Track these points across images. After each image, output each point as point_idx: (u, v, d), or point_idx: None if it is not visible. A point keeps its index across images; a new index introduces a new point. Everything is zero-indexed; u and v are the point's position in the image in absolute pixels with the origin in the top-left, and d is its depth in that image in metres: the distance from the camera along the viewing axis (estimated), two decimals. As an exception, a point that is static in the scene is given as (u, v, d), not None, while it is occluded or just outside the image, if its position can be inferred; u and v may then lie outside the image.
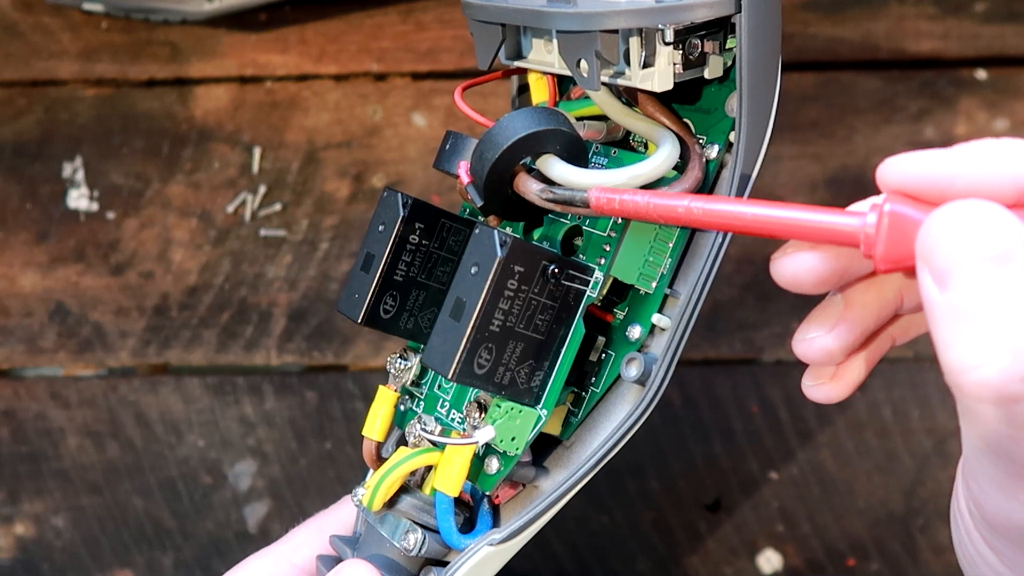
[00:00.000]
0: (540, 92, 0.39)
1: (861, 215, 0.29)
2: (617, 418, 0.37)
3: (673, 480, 0.58)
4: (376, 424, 0.40)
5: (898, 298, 0.34)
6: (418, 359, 0.40)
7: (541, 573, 0.58)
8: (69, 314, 0.58)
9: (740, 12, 0.34)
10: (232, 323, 0.58)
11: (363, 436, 0.40)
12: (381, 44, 0.58)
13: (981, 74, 0.58)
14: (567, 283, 0.36)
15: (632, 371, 0.36)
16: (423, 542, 0.38)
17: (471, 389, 0.39)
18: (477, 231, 0.35)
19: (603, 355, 0.38)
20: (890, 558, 0.58)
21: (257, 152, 0.58)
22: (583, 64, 0.34)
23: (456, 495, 0.37)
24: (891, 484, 0.58)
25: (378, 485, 0.37)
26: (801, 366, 0.36)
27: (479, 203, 0.36)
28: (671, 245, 0.36)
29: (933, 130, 0.58)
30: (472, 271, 0.35)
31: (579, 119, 0.39)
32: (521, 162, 0.35)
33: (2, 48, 0.58)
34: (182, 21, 0.56)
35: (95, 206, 0.58)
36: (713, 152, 0.36)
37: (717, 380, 0.58)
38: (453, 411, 0.39)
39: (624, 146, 0.39)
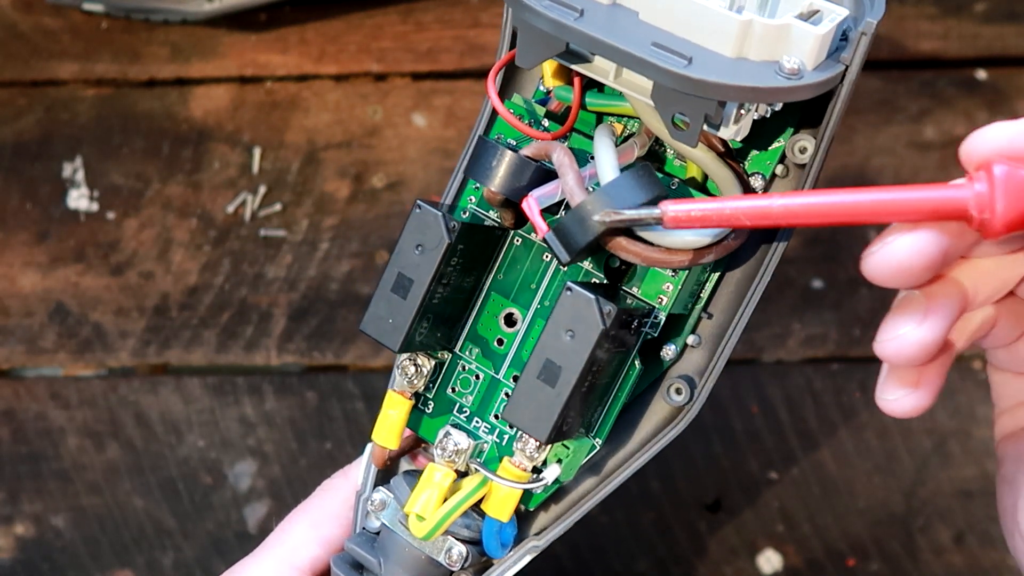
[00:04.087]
0: (556, 78, 0.37)
1: (967, 184, 0.30)
2: (645, 430, 0.38)
3: (673, 480, 0.58)
4: (390, 432, 0.39)
5: (970, 295, 0.33)
6: (432, 364, 0.39)
7: (541, 573, 0.58)
8: (69, 314, 0.58)
9: (842, 83, 0.34)
10: (232, 323, 0.58)
11: (374, 442, 0.39)
12: (381, 44, 0.58)
13: (981, 74, 0.58)
14: (641, 330, 0.36)
15: (675, 397, 0.38)
16: (467, 557, 0.38)
17: (498, 397, 0.39)
18: (570, 293, 0.34)
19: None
20: (890, 558, 0.58)
21: (257, 152, 0.58)
22: (679, 118, 0.32)
23: (508, 520, 0.38)
24: (891, 484, 0.58)
25: (442, 521, 0.37)
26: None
27: (565, 259, 0.34)
28: (709, 271, 0.37)
29: (933, 130, 0.58)
30: (567, 337, 0.34)
31: (605, 114, 0.38)
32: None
33: (2, 48, 0.58)
34: (182, 21, 0.56)
35: (95, 206, 0.58)
36: (758, 182, 0.37)
37: (717, 380, 0.58)
38: (476, 419, 0.39)
39: (653, 156, 0.38)
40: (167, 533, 0.58)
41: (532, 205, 0.34)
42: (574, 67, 0.35)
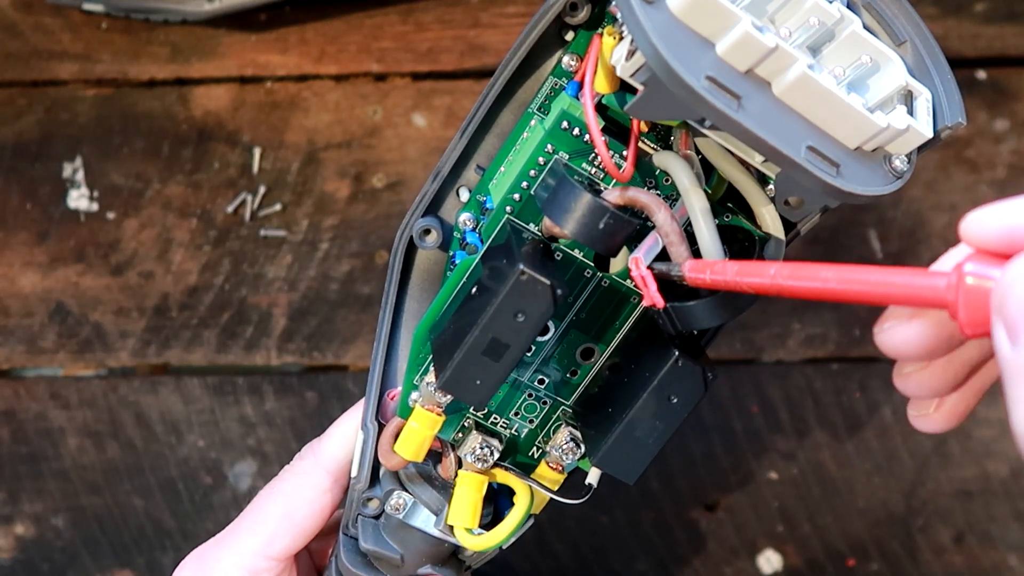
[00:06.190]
0: (607, 83, 0.36)
1: (946, 275, 0.27)
2: None
3: (673, 480, 0.58)
4: (418, 446, 0.39)
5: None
6: None
7: (541, 573, 0.58)
8: (69, 314, 0.58)
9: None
10: (232, 323, 0.58)
11: (397, 453, 0.40)
12: (381, 44, 0.58)
13: (981, 74, 0.58)
14: None
15: None
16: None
17: (520, 394, 0.40)
18: (680, 365, 0.37)
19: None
20: (890, 558, 0.58)
21: (257, 152, 0.58)
22: (794, 200, 0.33)
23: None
24: (891, 484, 0.58)
25: (505, 541, 0.40)
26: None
27: (673, 332, 0.36)
28: None
29: (933, 130, 0.58)
30: (671, 400, 0.37)
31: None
32: None
33: (2, 48, 0.58)
34: (182, 21, 0.56)
35: (95, 206, 0.58)
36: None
37: (717, 380, 0.57)
38: (495, 416, 0.41)
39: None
40: (167, 533, 0.58)
41: (648, 277, 0.34)
42: (703, 130, 0.34)
